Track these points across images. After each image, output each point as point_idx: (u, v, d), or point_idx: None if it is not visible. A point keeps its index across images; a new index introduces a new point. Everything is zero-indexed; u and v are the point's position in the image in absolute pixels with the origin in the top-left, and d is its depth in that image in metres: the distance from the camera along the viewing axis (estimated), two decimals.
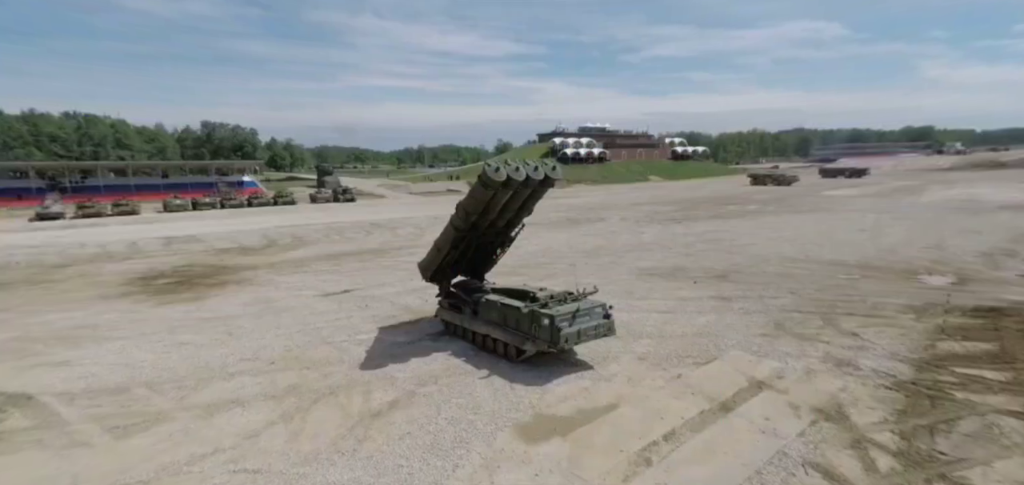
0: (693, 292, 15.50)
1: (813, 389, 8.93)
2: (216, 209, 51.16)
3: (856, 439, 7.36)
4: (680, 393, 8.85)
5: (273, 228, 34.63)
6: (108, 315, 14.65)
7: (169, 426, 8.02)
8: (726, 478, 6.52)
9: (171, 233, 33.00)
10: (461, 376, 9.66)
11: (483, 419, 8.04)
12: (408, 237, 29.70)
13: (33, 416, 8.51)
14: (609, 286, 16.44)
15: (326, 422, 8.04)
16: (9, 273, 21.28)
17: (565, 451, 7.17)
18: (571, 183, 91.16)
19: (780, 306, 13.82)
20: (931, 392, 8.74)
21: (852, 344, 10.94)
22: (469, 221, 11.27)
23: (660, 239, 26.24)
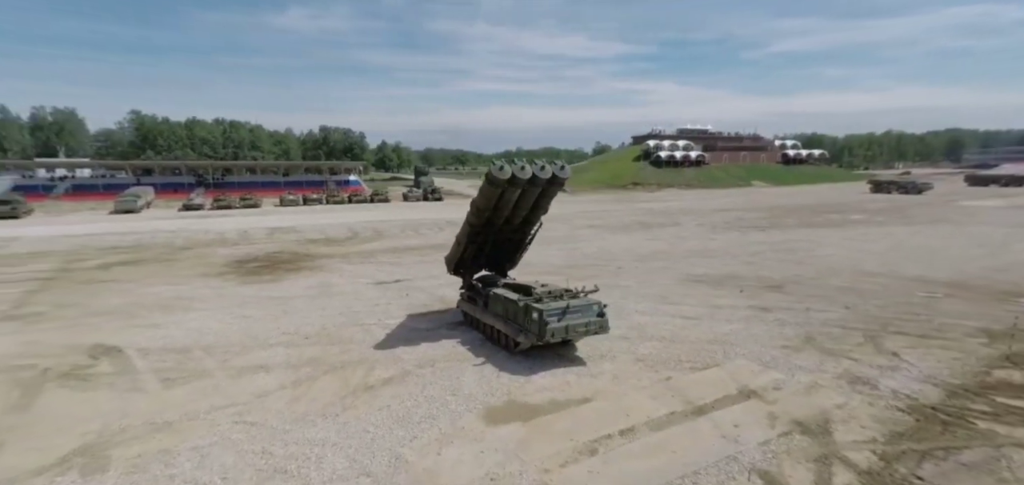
0: (733, 300, 14.85)
1: (806, 403, 8.46)
2: (321, 204, 56.65)
3: (825, 455, 6.97)
4: (659, 394, 8.81)
5: (361, 222, 37.74)
6: (202, 290, 17.28)
7: (205, 382, 9.59)
8: (661, 474, 6.56)
9: (277, 224, 37.32)
10: (457, 362, 10.34)
11: (458, 400, 8.67)
12: None
13: (115, 364, 10.57)
14: (646, 289, 16.25)
15: (326, 391, 9.13)
16: (146, 252, 25.60)
17: (519, 434, 7.59)
18: (661, 187, 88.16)
19: (823, 320, 12.87)
20: (949, 418, 7.93)
21: (884, 363, 10.05)
22: (483, 217, 11.93)
23: (729, 246, 24.97)
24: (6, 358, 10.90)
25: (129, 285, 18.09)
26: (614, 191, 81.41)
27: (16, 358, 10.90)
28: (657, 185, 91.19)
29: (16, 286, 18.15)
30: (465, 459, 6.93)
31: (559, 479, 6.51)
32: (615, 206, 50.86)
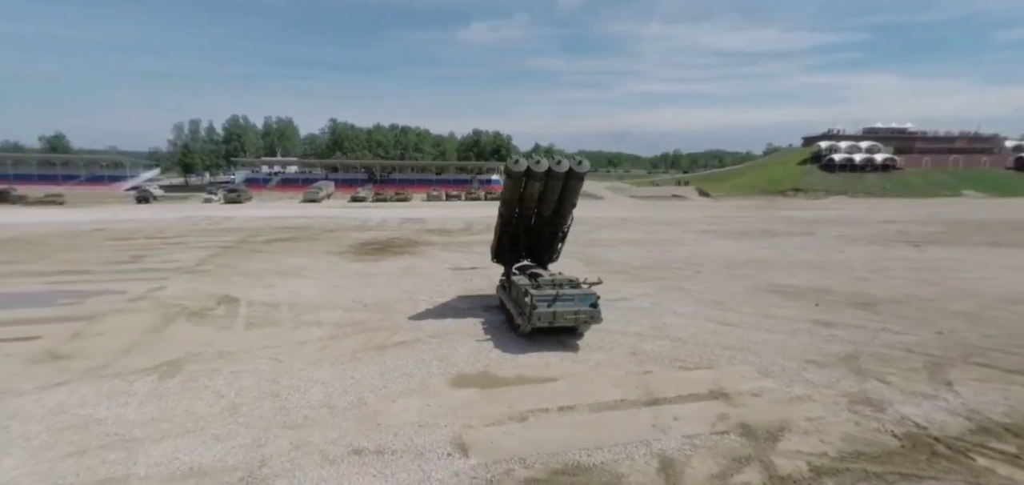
0: (796, 312, 13.59)
1: (774, 412, 7.97)
2: (460, 200, 61.76)
3: (749, 456, 6.72)
4: (625, 384, 8.97)
5: (480, 217, 40.51)
6: (321, 263, 20.89)
7: (272, 329, 12.15)
8: (566, 442, 6.99)
9: (411, 215, 42.02)
10: (465, 336, 11.48)
11: (443, 366, 9.83)
12: (575, 232, 31.36)
13: (227, 310, 13.80)
14: (705, 294, 15.60)
15: (348, 346, 10.98)
16: (302, 232, 31.17)
17: (470, 398, 8.51)
18: (830, 194, 77.61)
19: (890, 341, 11.30)
20: (947, 451, 6.91)
21: (924, 391, 8.78)
22: (511, 209, 12.86)
23: (853, 260, 21.99)
24: (167, 298, 14.88)
25: (274, 256, 22.57)
26: (767, 197, 74.10)
27: (173, 299, 14.82)
28: (825, 192, 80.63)
29: (205, 251, 23.83)
30: (411, 408, 8.09)
31: (475, 434, 7.32)
32: (752, 213, 46.72)
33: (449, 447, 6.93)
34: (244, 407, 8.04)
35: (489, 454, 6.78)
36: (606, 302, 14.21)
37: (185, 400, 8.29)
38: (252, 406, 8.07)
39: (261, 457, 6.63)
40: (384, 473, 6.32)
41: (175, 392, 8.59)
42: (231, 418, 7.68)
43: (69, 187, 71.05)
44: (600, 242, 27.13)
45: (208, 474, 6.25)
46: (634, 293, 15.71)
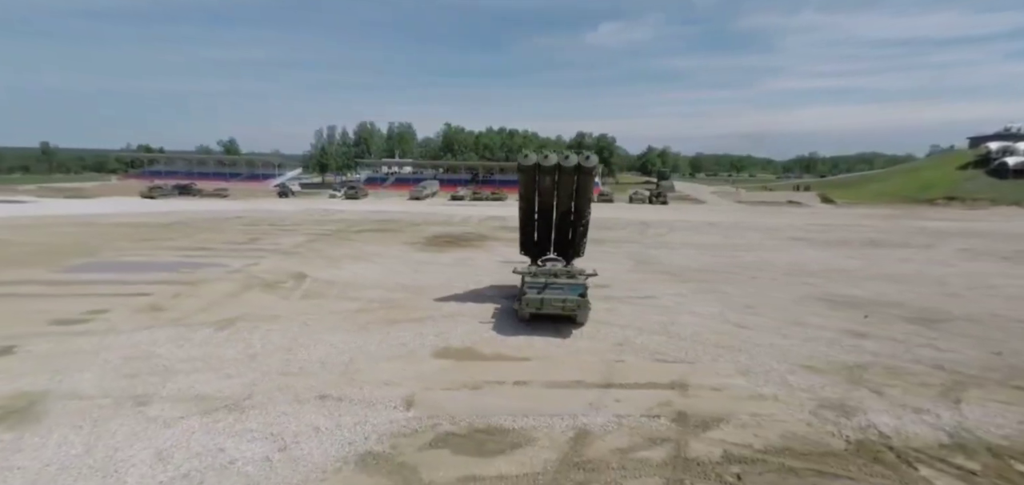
0: (831, 321, 12.67)
1: (723, 405, 8.00)
2: None
3: (665, 438, 6.94)
4: (590, 369, 9.38)
5: None
6: (391, 251, 23.08)
7: (319, 300, 14.09)
8: (499, 409, 7.67)
9: (493, 214, 43.67)
10: (471, 318, 12.41)
11: (435, 340, 10.88)
12: (638, 233, 30.65)
13: (294, 284, 16.12)
14: (738, 298, 15.03)
15: (369, 319, 12.46)
16: (390, 224, 34.19)
17: (443, 367, 9.48)
18: (996, 204, 65.83)
19: (921, 356, 10.31)
20: (894, 459, 6.56)
21: (918, 406, 8.15)
22: (529, 203, 13.53)
23: (954, 277, 19.27)
24: (256, 272, 17.70)
25: (358, 244, 25.32)
26: (909, 205, 64.97)
27: (260, 272, 17.60)
28: (989, 201, 68.51)
29: (306, 237, 27.37)
30: (387, 371, 9.24)
31: (427, 395, 8.26)
32: (876, 221, 41.61)
33: (398, 402, 7.95)
34: (260, 357, 9.76)
35: (427, 410, 7.68)
36: (628, 299, 14.46)
37: (222, 347, 10.24)
38: (266, 356, 9.77)
39: (250, 392, 8.18)
40: (333, 414, 7.51)
41: (220, 341, 10.62)
42: (246, 363, 9.41)
43: (233, 183, 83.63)
44: (668, 244, 26.43)
45: (206, 399, 7.91)
46: (665, 292, 15.51)
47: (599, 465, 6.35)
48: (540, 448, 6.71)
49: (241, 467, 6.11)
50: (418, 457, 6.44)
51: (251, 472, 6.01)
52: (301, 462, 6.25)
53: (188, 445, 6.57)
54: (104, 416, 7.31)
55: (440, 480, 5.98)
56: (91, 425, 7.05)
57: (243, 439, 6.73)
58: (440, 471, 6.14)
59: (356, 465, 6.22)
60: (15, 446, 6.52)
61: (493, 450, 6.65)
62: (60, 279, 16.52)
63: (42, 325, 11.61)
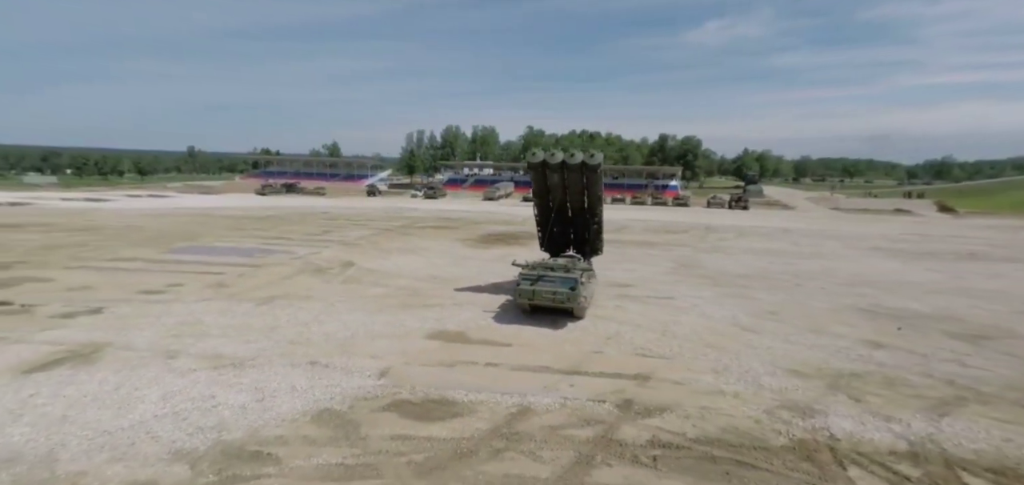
0: (856, 332, 11.95)
1: (674, 396, 8.12)
2: (623, 204, 61.48)
3: (600, 420, 7.29)
4: (563, 356, 9.78)
5: (627, 219, 40.28)
6: (441, 246, 24.39)
7: (354, 286, 15.51)
8: (463, 386, 8.32)
9: None
10: (477, 307, 13.12)
11: (433, 324, 11.75)
12: (698, 238, 29.39)
13: (341, 271, 17.78)
14: (771, 306, 14.39)
15: (386, 303, 13.60)
16: (450, 222, 35.76)
17: (428, 347, 10.32)
18: None
19: (935, 370, 9.63)
20: (830, 460, 6.45)
21: (890, 415, 7.78)
22: (541, 199, 14.01)
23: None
24: (313, 259, 19.68)
25: (414, 238, 26.98)
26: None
27: (317, 260, 19.55)
28: None
29: (372, 231, 29.57)
30: (379, 346, 10.22)
31: (402, 368, 9.12)
32: (985, 233, 36.58)
33: (374, 372, 8.87)
34: (280, 328, 11.16)
35: (395, 381, 8.52)
36: (645, 298, 14.57)
37: (254, 319, 11.81)
38: (285, 328, 11.16)
39: (257, 355, 9.51)
40: (314, 377, 8.58)
41: (254, 314, 12.23)
42: (266, 333, 10.84)
43: (332, 183, 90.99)
44: (725, 249, 25.40)
45: (220, 358, 9.33)
46: (688, 294, 15.24)
47: (523, 437, 6.81)
48: (477, 419, 7.29)
49: (221, 410, 7.31)
50: (367, 417, 7.28)
51: (226, 415, 7.18)
52: (269, 411, 7.33)
53: (189, 391, 7.92)
54: (140, 364, 8.93)
55: (374, 435, 6.76)
56: (128, 370, 8.67)
57: (233, 390, 7.97)
58: (378, 429, 6.93)
59: (312, 419, 7.18)
60: (69, 379, 8.23)
61: (434, 417, 7.33)
62: (161, 258, 19.47)
63: (131, 293, 13.98)
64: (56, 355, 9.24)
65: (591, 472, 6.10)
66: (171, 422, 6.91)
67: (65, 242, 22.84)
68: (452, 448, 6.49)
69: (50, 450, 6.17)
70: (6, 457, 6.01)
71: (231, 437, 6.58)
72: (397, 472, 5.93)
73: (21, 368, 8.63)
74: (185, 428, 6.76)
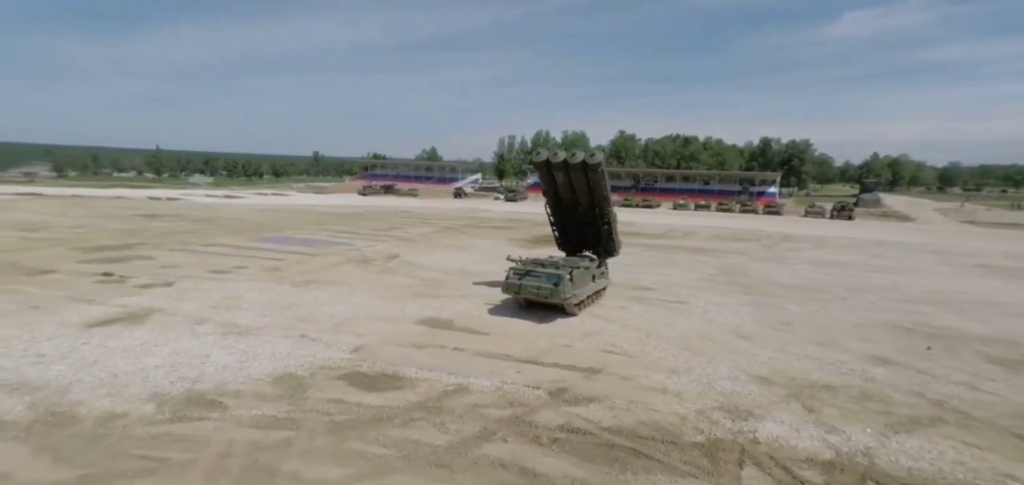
0: (874, 348, 11.07)
1: (609, 388, 8.27)
2: (708, 210, 58.32)
3: (523, 402, 7.69)
4: (530, 347, 10.17)
5: (706, 227, 38.37)
6: (486, 244, 25.24)
7: (386, 276, 16.82)
8: (417, 365, 9.04)
9: (633, 219, 42.83)
10: (478, 299, 13.76)
11: (430, 312, 12.58)
12: (762, 247, 27.26)
13: (383, 262, 19.26)
14: (794, 316, 13.50)
15: (407, 292, 14.65)
16: (514, 222, 36.56)
17: (413, 330, 11.15)
18: None
19: (931, 391, 8.85)
20: (727, 456, 6.38)
21: (835, 426, 7.35)
22: (551, 199, 14.28)
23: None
24: (366, 251, 21.45)
25: (468, 237, 28.14)
26: None
27: (368, 252, 21.31)
28: None
29: (434, 228, 31.26)
30: (370, 328, 11.22)
31: (377, 347, 10.01)
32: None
33: (348, 348, 9.85)
34: (297, 307, 12.60)
35: (364, 356, 9.43)
36: (655, 301, 14.48)
37: (282, 298, 13.40)
38: (301, 307, 12.57)
39: (264, 326, 10.91)
40: (296, 347, 9.74)
41: (286, 294, 13.85)
42: (283, 309, 12.31)
43: (426, 185, 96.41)
44: (785, 258, 23.70)
45: (234, 326, 10.85)
46: (705, 300, 14.75)
47: (443, 411, 7.36)
48: (413, 393, 7.95)
49: (206, 366, 8.65)
50: (319, 382, 8.23)
51: (208, 370, 8.50)
52: (244, 370, 8.55)
53: (194, 350, 9.40)
54: (172, 327, 10.69)
55: (315, 397, 7.68)
56: (161, 331, 10.43)
57: (226, 352, 9.34)
58: (322, 393, 7.84)
59: (273, 380, 8.27)
60: (115, 335, 10.10)
61: (377, 388, 8.11)
62: (245, 245, 22.33)
63: (203, 272, 16.38)
64: (117, 315, 11.32)
65: (483, 444, 6.51)
66: (165, 372, 8.34)
67: (182, 229, 26.89)
68: (373, 414, 7.21)
69: (69, 384, 7.80)
70: (38, 385, 7.71)
71: (201, 387, 7.83)
72: (313, 427, 6.77)
73: (87, 323, 10.73)
74: (172, 377, 8.14)
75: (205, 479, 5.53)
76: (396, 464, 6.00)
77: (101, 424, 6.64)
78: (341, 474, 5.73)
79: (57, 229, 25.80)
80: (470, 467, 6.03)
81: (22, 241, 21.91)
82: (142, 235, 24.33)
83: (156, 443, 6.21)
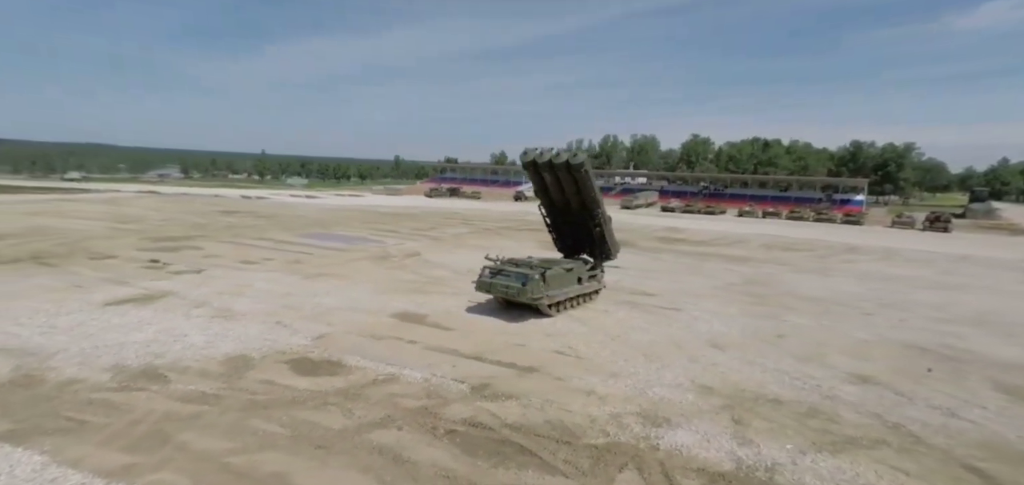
0: (863, 366, 10.11)
1: (529, 387, 8.12)
2: (778, 218, 54.36)
3: (443, 395, 7.72)
4: (483, 344, 10.23)
5: (753, 234, 36.02)
6: (519, 244, 25.29)
7: (397, 272, 17.46)
8: (369, 355, 9.42)
9: (678, 225, 40.94)
10: (467, 297, 13.88)
11: (412, 307, 12.96)
12: (816, 258, 24.99)
13: (401, 260, 19.97)
14: (802, 331, 12.52)
15: (404, 288, 15.15)
16: None
17: (387, 322, 11.58)
18: None
19: (894, 414, 7.99)
20: (602, 458, 6.11)
21: (759, 440, 6.93)
22: (546, 199, 14.17)
23: None
24: (390, 248, 22.35)
25: (500, 239, 28.35)
26: None
27: (392, 250, 22.16)
28: None
29: (471, 230, 31.83)
30: (346, 318, 11.77)
31: (343, 336, 10.50)
32: None
33: (315, 334, 10.42)
34: (290, 297, 13.43)
35: (322, 343, 9.96)
36: (649, 307, 14.09)
37: (284, 288, 14.33)
38: (294, 297, 13.38)
39: (250, 312, 11.77)
40: (265, 332, 10.44)
41: (291, 283, 14.81)
42: (278, 298, 13.18)
43: (491, 188, 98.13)
44: (831, 270, 21.89)
45: (226, 311, 11.79)
46: (703, 309, 14.06)
47: (359, 397, 7.68)
48: (342, 380, 8.32)
49: (178, 344, 9.51)
50: (264, 364, 8.80)
51: (176, 348, 9.34)
52: (207, 349, 9.31)
53: (177, 329, 10.36)
54: (173, 309, 11.81)
55: (251, 378, 8.24)
56: (162, 312, 11.57)
57: (203, 332, 10.21)
58: (261, 374, 8.39)
59: (224, 360, 8.93)
60: (122, 313, 11.34)
61: (313, 373, 8.55)
62: (287, 240, 24.02)
63: (234, 262, 17.87)
64: (133, 297, 12.68)
65: (375, 431, 6.71)
66: (139, 348, 9.27)
67: (245, 224, 29.37)
68: (293, 397, 7.63)
69: (57, 352, 8.90)
70: (33, 351, 8.87)
71: (160, 362, 8.64)
72: (229, 404, 7.29)
73: (106, 302, 12.12)
74: (142, 353, 9.04)
75: (105, 441, 6.16)
76: (280, 443, 6.34)
77: (58, 388, 7.55)
78: (223, 447, 6.15)
79: (145, 222, 29.09)
80: (348, 450, 6.25)
81: (109, 230, 24.96)
82: (207, 228, 26.83)
83: (87, 408, 6.98)
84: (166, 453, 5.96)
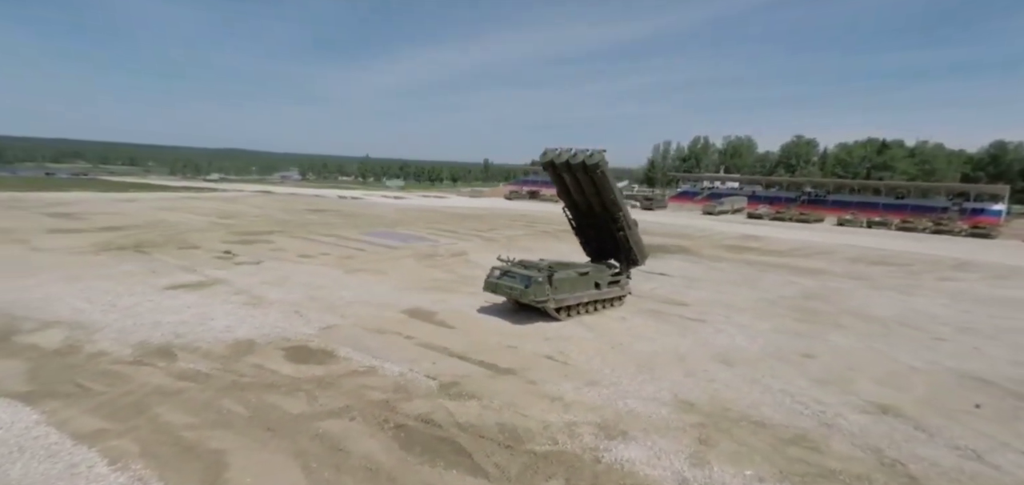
0: (889, 393, 8.93)
1: (496, 388, 8.10)
2: (886, 228, 48.26)
3: (418, 392, 7.87)
4: (477, 344, 10.32)
5: (847, 245, 32.36)
6: (564, 247, 24.90)
7: (434, 270, 17.98)
8: (367, 349, 9.86)
9: (756, 233, 37.77)
10: (483, 298, 13.88)
11: (424, 303, 13.26)
12: (910, 275, 21.78)
13: (448, 257, 20.50)
14: (834, 351, 11.27)
15: (434, 285, 15.56)
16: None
17: (394, 316, 11.99)
18: None
19: (894, 451, 6.87)
20: (534, 466, 6.00)
21: (721, 464, 6.41)
22: (567, 199, 13.89)
23: None
24: (440, 247, 23.02)
25: (550, 242, 28.07)
26: None
27: (441, 249, 22.82)
28: None
29: (524, 232, 31.85)
30: (360, 312, 12.33)
31: (348, 328, 11.04)
32: None
33: (324, 324, 11.04)
34: (322, 288, 14.31)
35: (324, 334, 10.53)
36: (670, 317, 13.78)
37: (319, 280, 15.29)
38: (323, 289, 14.23)
39: (277, 301, 12.70)
40: (281, 319, 11.24)
41: (327, 277, 15.77)
42: (308, 288, 14.09)
43: None
44: (918, 289, 19.47)
45: (257, 297, 12.84)
46: (731, 321, 13.04)
47: (332, 386, 8.07)
48: (326, 369, 8.78)
49: (201, 327, 10.52)
50: (264, 351, 9.49)
51: (198, 329, 10.34)
52: (226, 332, 10.22)
53: (209, 312, 11.46)
54: (217, 295, 13.07)
55: (247, 362, 8.92)
56: (208, 297, 12.85)
57: (227, 317, 11.21)
58: (256, 359, 9.07)
59: (232, 343, 9.73)
60: (174, 297, 12.74)
61: (303, 361, 9.09)
62: (351, 237, 25.60)
63: (293, 256, 19.38)
64: (191, 283, 14.19)
65: (328, 419, 7.02)
66: (168, 327, 10.38)
67: (323, 222, 31.70)
68: (271, 380, 8.17)
69: (103, 327, 10.21)
70: (86, 325, 10.25)
71: (177, 341, 9.63)
72: (215, 383, 7.97)
73: (165, 287, 13.68)
74: (168, 332, 10.12)
75: (93, 409, 7.00)
76: (236, 423, 6.82)
77: (87, 358, 8.69)
78: (184, 421, 6.75)
79: (241, 218, 32.30)
80: (291, 434, 6.59)
81: (208, 224, 28.08)
82: (288, 225, 29.28)
83: (98, 377, 7.97)
84: (135, 423, 6.65)
